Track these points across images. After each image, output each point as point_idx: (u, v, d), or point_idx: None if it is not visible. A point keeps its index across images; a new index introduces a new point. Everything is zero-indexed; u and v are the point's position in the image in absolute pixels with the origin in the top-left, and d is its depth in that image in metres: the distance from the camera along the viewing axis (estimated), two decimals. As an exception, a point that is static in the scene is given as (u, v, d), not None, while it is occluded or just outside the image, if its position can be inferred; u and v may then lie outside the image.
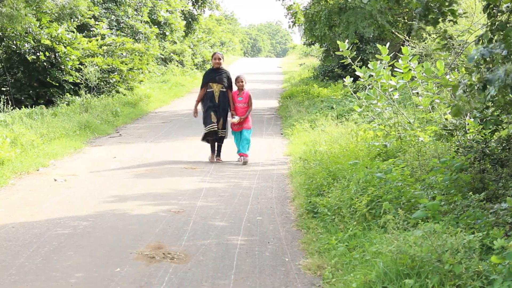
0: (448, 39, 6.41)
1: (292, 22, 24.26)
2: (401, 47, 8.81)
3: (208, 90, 10.94)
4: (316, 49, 33.08)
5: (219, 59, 11.07)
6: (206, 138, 10.97)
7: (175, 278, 5.12)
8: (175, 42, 33.65)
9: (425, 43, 15.62)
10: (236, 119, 10.81)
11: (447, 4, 6.01)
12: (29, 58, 17.79)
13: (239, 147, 10.92)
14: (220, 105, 10.88)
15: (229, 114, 11.00)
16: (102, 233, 6.44)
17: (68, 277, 5.12)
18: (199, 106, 11.17)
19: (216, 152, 10.98)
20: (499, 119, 5.98)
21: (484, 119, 6.04)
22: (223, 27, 54.73)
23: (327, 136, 11.42)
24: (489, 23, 5.41)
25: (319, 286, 4.95)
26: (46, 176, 9.44)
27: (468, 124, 6.91)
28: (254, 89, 10.10)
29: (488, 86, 4.47)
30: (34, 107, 15.85)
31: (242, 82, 10.95)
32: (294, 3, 23.70)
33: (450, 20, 6.55)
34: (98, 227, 6.67)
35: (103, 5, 24.81)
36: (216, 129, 10.78)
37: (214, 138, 10.90)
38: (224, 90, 10.93)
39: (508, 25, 4.91)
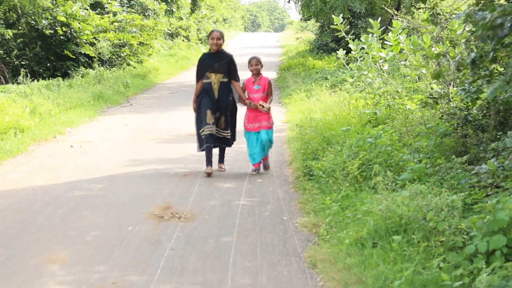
0: (437, 14, 6.33)
1: None
2: (392, 21, 8.71)
3: (204, 81, 7.57)
4: (312, 24, 32.70)
5: (218, 39, 7.52)
6: (204, 145, 7.48)
7: (183, 236, 5.12)
8: (181, 18, 33.33)
9: (412, 17, 15.44)
10: (266, 106, 7.52)
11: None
12: (46, 32, 17.58)
13: (254, 156, 7.61)
14: (220, 100, 7.53)
15: (238, 105, 7.77)
16: (116, 195, 6.43)
17: (84, 235, 5.12)
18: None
19: (218, 157, 7.76)
20: (480, 89, 5.93)
21: (467, 89, 5.98)
22: (225, 5, 54.11)
23: (321, 105, 11.36)
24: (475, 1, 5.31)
25: (314, 242, 4.95)
26: (63, 143, 9.40)
27: (451, 93, 6.86)
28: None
29: (476, 60, 4.41)
30: (51, 79, 15.76)
31: (257, 65, 7.55)
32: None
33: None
34: (112, 189, 6.66)
35: (116, -17, 24.43)
36: (214, 131, 7.47)
37: (213, 145, 7.52)
38: (226, 80, 7.55)
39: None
